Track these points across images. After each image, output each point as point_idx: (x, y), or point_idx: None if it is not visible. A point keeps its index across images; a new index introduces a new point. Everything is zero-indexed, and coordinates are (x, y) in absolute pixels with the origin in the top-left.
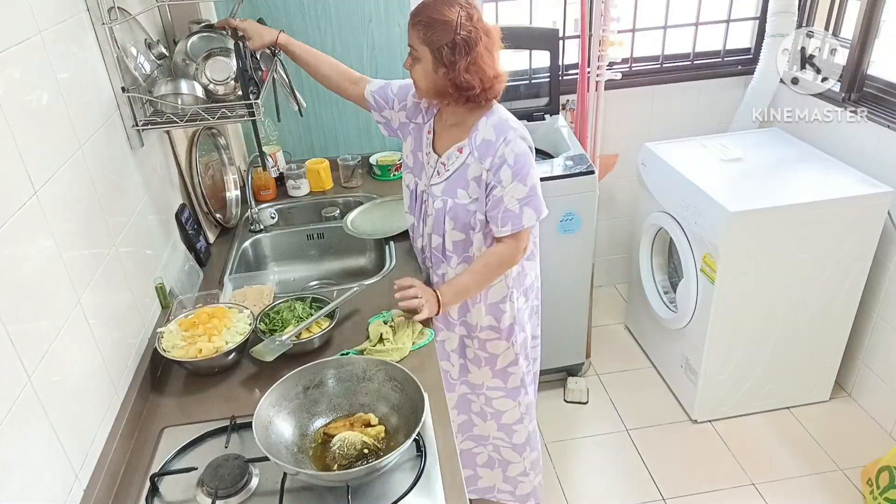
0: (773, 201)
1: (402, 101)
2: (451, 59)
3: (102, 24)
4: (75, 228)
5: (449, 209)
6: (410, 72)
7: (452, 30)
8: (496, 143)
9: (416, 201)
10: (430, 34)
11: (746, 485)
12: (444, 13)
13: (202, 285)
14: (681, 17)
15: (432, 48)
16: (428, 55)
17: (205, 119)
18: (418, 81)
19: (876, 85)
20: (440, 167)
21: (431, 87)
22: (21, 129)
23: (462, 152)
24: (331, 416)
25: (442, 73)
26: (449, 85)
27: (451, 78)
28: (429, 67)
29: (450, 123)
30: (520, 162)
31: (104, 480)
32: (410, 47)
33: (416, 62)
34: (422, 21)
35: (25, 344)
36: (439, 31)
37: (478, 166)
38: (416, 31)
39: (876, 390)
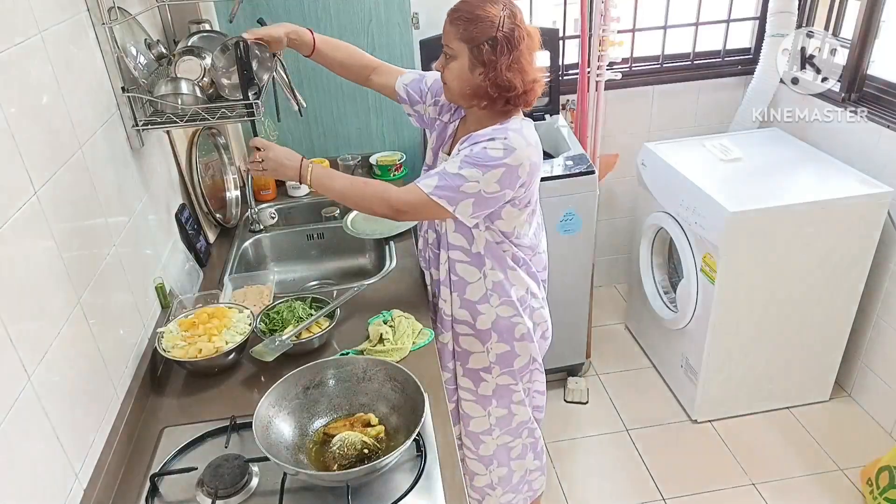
0: (772, 201)
1: (436, 97)
2: (492, 58)
3: (102, 24)
4: (75, 228)
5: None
6: (442, 72)
7: (495, 26)
8: (481, 137)
9: None
10: (470, 30)
11: (746, 485)
12: (487, 9)
13: (202, 285)
14: (681, 17)
15: (471, 45)
16: (465, 53)
17: (205, 119)
18: (450, 82)
19: (876, 85)
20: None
21: (465, 87)
22: (21, 129)
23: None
24: (331, 416)
25: (479, 74)
26: (489, 85)
27: (493, 77)
28: (465, 66)
29: (471, 128)
30: (480, 155)
31: (104, 480)
32: (445, 46)
33: (451, 60)
34: (462, 17)
35: (25, 344)
36: (481, 27)
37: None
38: (455, 27)
39: (876, 390)
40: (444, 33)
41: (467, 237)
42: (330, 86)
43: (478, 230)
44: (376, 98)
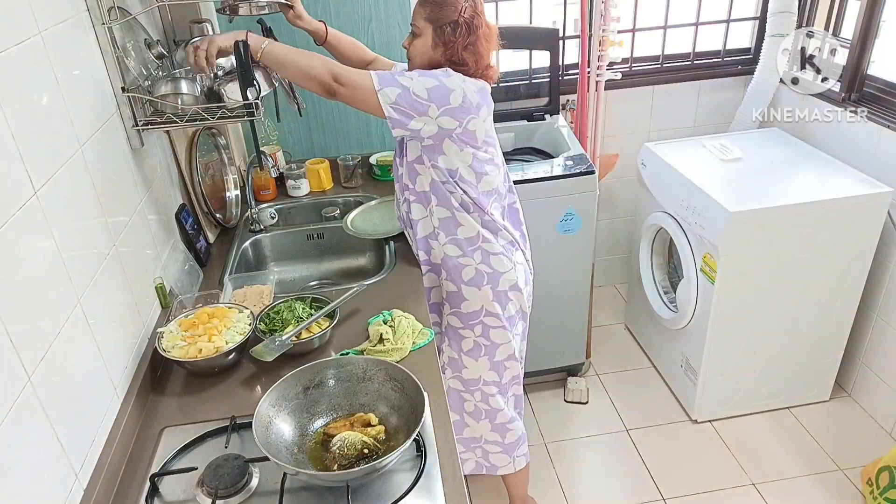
0: (773, 201)
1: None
2: (452, 38)
3: (102, 24)
4: (75, 228)
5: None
6: (408, 49)
7: (458, 12)
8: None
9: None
10: (436, 12)
11: (746, 485)
12: None
13: (202, 285)
14: (681, 17)
15: (435, 25)
16: (429, 31)
17: (205, 119)
18: (414, 57)
19: (876, 85)
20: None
21: (426, 62)
22: (21, 129)
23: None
24: (331, 416)
25: (440, 52)
26: (445, 61)
27: (449, 55)
28: (427, 43)
29: None
30: (424, 73)
31: (104, 480)
32: (413, 24)
33: (416, 38)
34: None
35: (25, 344)
36: (446, 10)
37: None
38: (424, 8)
39: (876, 390)
40: (413, 13)
41: (412, 177)
42: None
43: (422, 166)
44: None
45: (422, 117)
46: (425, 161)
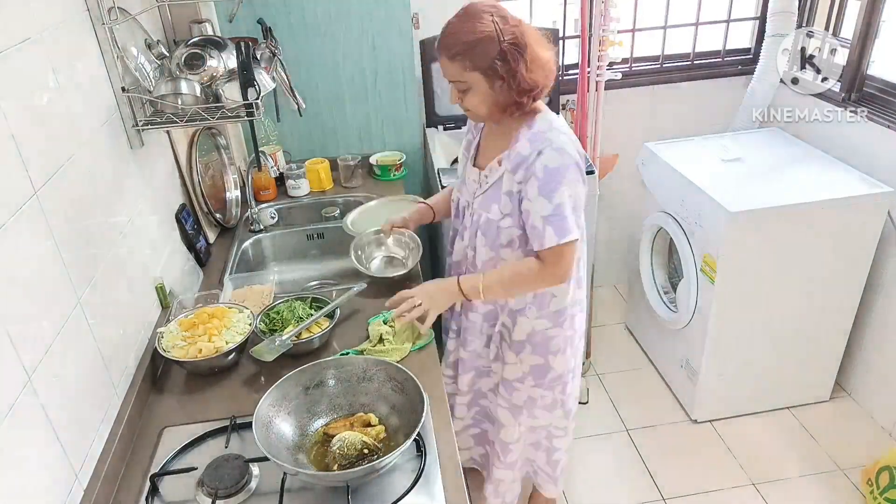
0: (773, 201)
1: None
2: (509, 69)
3: (102, 24)
4: (75, 228)
5: (482, 224)
6: (461, 104)
7: (496, 41)
8: (529, 156)
9: (459, 216)
10: (476, 58)
11: (746, 485)
12: (479, 29)
13: (202, 285)
14: (681, 17)
15: (482, 70)
16: (479, 79)
17: (205, 119)
18: (475, 109)
19: (876, 85)
20: (483, 180)
21: (493, 106)
22: (21, 129)
23: (500, 165)
24: (331, 416)
25: (501, 88)
26: (515, 94)
27: (517, 86)
28: (484, 90)
29: (499, 134)
30: (549, 175)
31: (104, 480)
32: (455, 83)
33: (467, 92)
34: (458, 51)
35: (25, 344)
36: (483, 49)
37: (510, 179)
38: (456, 63)
39: (876, 390)
40: (446, 70)
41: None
42: (330, 86)
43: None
44: (376, 98)
45: (583, 200)
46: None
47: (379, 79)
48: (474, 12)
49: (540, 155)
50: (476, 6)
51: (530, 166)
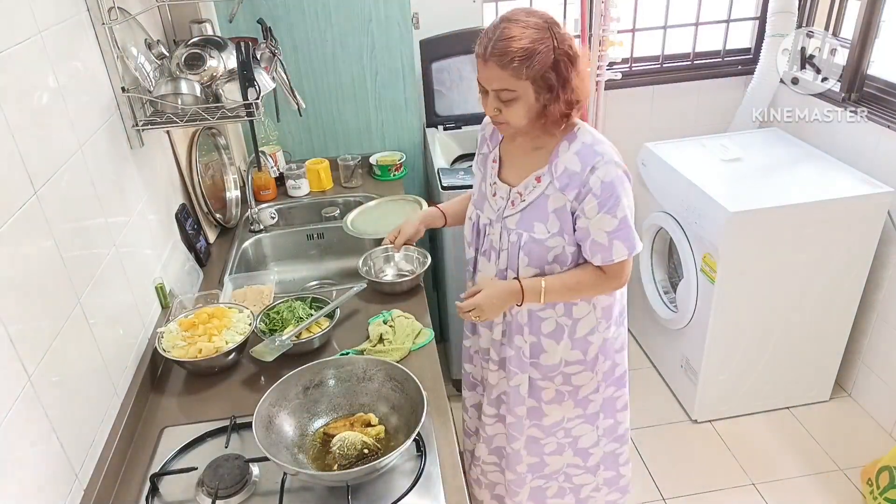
0: (773, 201)
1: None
2: (562, 80)
3: (102, 24)
4: (75, 228)
5: (524, 244)
6: (500, 114)
7: (551, 48)
8: (581, 173)
9: (478, 235)
10: (532, 67)
11: (746, 485)
12: (534, 37)
13: (202, 285)
14: (681, 17)
15: (534, 79)
16: (529, 89)
17: (205, 119)
18: (515, 121)
19: (876, 85)
20: (515, 197)
21: (534, 119)
22: (21, 129)
23: (541, 181)
24: (331, 416)
25: (548, 99)
26: (563, 106)
27: (566, 98)
28: (530, 102)
29: (528, 148)
30: (607, 191)
31: (104, 480)
32: (503, 92)
33: (513, 102)
34: (515, 58)
35: (25, 344)
36: (540, 59)
37: (560, 197)
38: (508, 71)
39: (876, 390)
40: (492, 77)
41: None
42: (330, 86)
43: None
44: (376, 98)
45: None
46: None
47: (379, 79)
48: (527, 17)
49: (594, 171)
50: (527, 11)
51: (585, 183)
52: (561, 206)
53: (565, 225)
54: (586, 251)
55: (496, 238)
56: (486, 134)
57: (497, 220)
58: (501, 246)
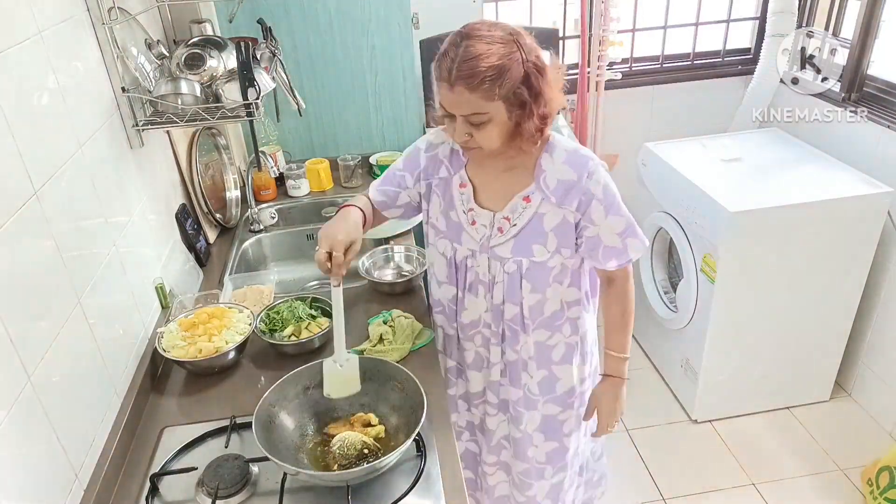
0: (773, 201)
1: (416, 169)
2: (534, 93)
3: (102, 24)
4: (75, 228)
5: (526, 271)
6: (471, 139)
7: (520, 63)
8: (579, 181)
9: (458, 270)
10: (504, 86)
11: (746, 485)
12: (502, 51)
13: (202, 285)
14: (681, 17)
15: (506, 97)
16: (501, 108)
17: (205, 119)
18: (488, 143)
19: (876, 85)
20: (502, 223)
21: (506, 138)
22: (21, 129)
23: (530, 201)
24: (331, 416)
25: (521, 115)
26: (537, 120)
27: (539, 111)
28: (503, 121)
29: (501, 169)
30: (608, 192)
31: (104, 480)
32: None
33: (485, 125)
34: (485, 79)
35: (25, 344)
36: (510, 75)
37: (558, 211)
38: (478, 93)
39: (876, 390)
40: (461, 103)
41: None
42: (330, 86)
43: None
44: (376, 98)
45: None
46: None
47: (379, 79)
48: (490, 31)
49: (591, 176)
50: (488, 24)
51: (586, 190)
52: (560, 222)
53: (564, 240)
54: (597, 259)
55: (483, 270)
56: (441, 155)
57: (482, 251)
58: (493, 278)
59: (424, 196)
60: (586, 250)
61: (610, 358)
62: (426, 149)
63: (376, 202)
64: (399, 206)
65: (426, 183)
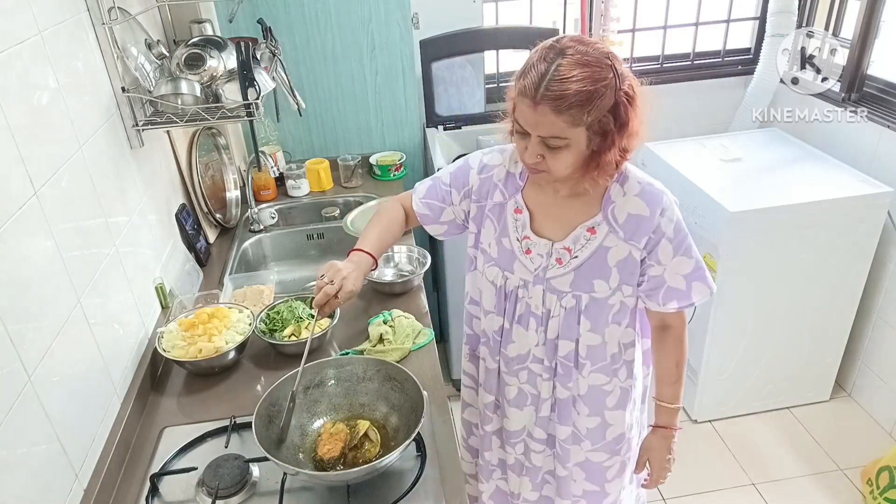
0: (773, 201)
1: (465, 187)
2: (621, 125)
3: (102, 24)
4: (75, 228)
5: (585, 307)
6: (542, 161)
7: (613, 91)
8: (651, 217)
9: (507, 300)
10: (592, 113)
11: (746, 485)
12: (596, 75)
13: (202, 285)
14: (681, 17)
15: (590, 125)
16: (583, 136)
17: (205, 119)
18: (559, 170)
19: (876, 85)
20: (562, 254)
21: (578, 165)
22: (21, 129)
23: (595, 232)
24: (331, 417)
25: (598, 145)
26: (618, 153)
27: (622, 145)
28: (581, 149)
29: (563, 196)
30: (679, 232)
31: (104, 480)
32: (548, 138)
33: (561, 150)
34: (574, 103)
35: (25, 344)
36: (600, 102)
37: (624, 247)
38: (565, 117)
39: (876, 390)
40: (542, 124)
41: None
42: (330, 86)
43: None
44: (376, 98)
45: None
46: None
47: (379, 79)
48: (585, 51)
49: (664, 213)
50: (582, 42)
51: (657, 228)
52: (625, 257)
53: (627, 277)
54: (657, 300)
55: (536, 302)
56: (496, 178)
57: (536, 282)
58: (548, 312)
59: (474, 218)
60: (647, 289)
61: (662, 409)
62: (479, 170)
63: (420, 215)
64: (443, 222)
65: (478, 206)
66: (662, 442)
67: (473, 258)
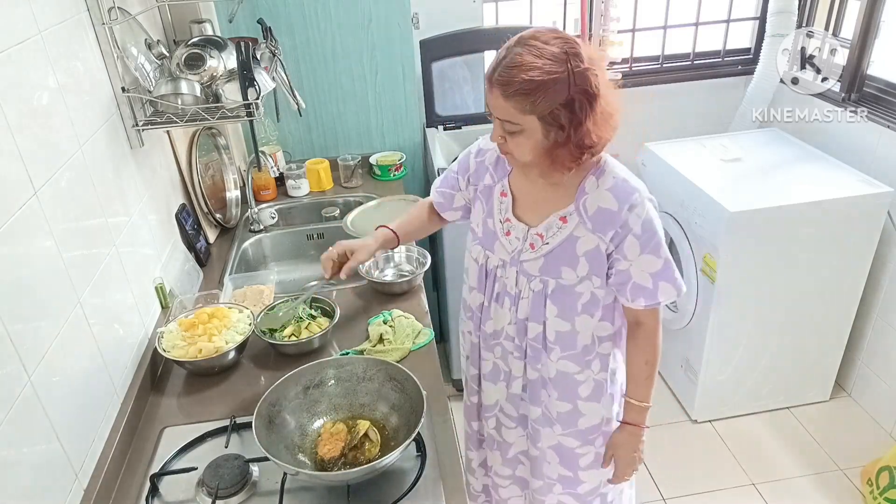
0: (773, 201)
1: (467, 172)
2: (573, 120)
3: (102, 24)
4: (75, 228)
5: (552, 292)
6: (502, 144)
7: (566, 85)
8: (619, 212)
9: (487, 278)
10: (538, 102)
11: (746, 485)
12: (549, 69)
13: (202, 285)
14: (681, 17)
15: (541, 115)
16: (535, 125)
17: (205, 119)
18: (519, 155)
19: (876, 85)
20: (535, 239)
21: (542, 157)
22: (21, 129)
23: (566, 221)
24: (331, 416)
25: (557, 138)
26: (573, 148)
27: (577, 140)
28: (537, 138)
29: (544, 183)
30: (648, 230)
31: (104, 480)
32: (505, 122)
33: (518, 135)
34: (519, 90)
35: (25, 344)
36: (550, 94)
37: (592, 238)
38: (512, 102)
39: (876, 390)
40: (497, 106)
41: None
42: (330, 86)
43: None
44: (376, 98)
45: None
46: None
47: (379, 79)
48: (546, 45)
49: (633, 209)
50: (547, 36)
51: (624, 224)
52: (593, 248)
53: (596, 268)
54: (625, 296)
55: (510, 283)
56: (488, 162)
57: (511, 263)
58: (519, 293)
59: (471, 200)
60: (615, 283)
61: (631, 406)
62: (476, 154)
63: (436, 203)
64: (456, 208)
65: (473, 187)
66: (629, 439)
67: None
